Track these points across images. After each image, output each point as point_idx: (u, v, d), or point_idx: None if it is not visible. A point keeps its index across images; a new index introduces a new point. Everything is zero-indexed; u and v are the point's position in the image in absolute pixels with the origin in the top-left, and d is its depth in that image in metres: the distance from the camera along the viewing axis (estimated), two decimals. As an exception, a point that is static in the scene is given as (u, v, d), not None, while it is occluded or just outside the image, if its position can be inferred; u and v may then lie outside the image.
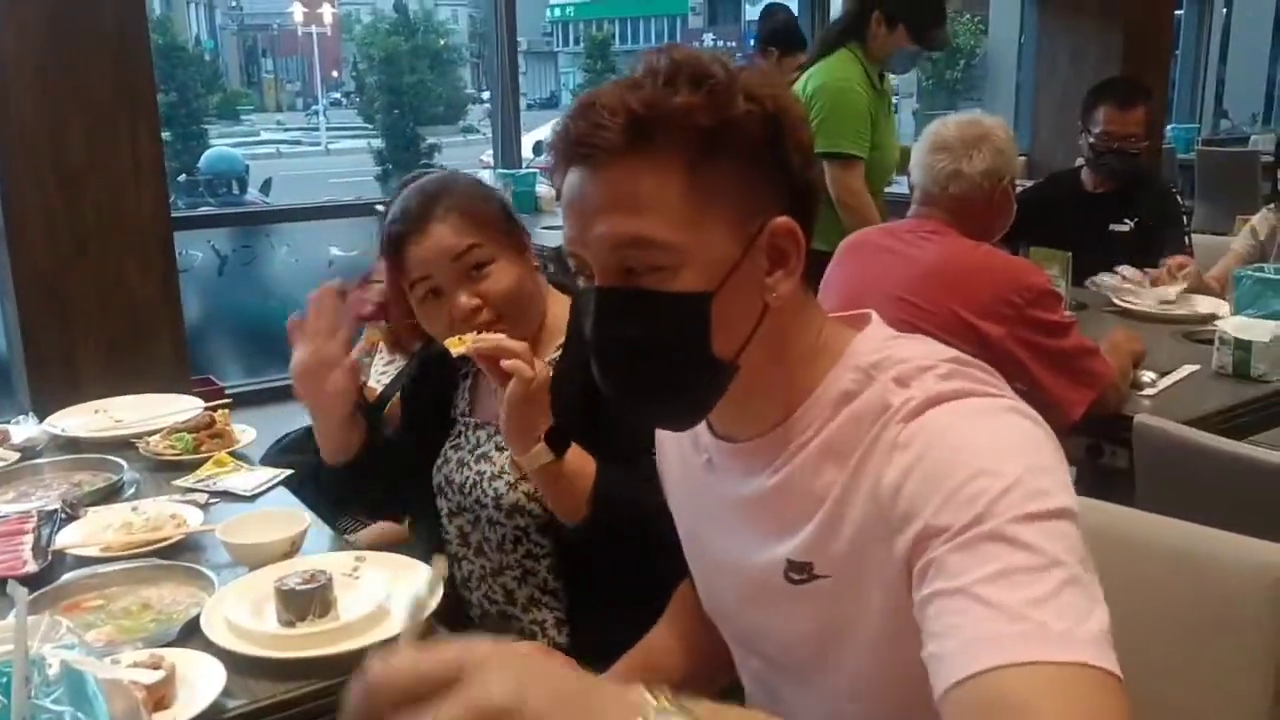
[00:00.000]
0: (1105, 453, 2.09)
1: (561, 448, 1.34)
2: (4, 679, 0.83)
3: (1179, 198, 3.40)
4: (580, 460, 1.37)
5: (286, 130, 23.39)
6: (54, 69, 3.31)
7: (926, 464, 0.82)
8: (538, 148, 5.18)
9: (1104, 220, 2.96)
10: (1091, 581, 0.76)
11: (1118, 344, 2.21)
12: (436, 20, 21.15)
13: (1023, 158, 5.75)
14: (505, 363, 1.31)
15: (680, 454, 1.11)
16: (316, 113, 24.27)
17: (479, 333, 1.39)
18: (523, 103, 5.50)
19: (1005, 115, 6.10)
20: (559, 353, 1.51)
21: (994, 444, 0.82)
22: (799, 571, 0.93)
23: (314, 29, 25.98)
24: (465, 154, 14.61)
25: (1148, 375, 2.23)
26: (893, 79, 3.57)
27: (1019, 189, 2.28)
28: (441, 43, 20.07)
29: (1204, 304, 2.82)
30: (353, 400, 1.56)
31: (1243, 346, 2.25)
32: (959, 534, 0.77)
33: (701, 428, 1.03)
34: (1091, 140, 3.20)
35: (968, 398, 0.86)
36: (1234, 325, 2.32)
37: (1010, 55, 6.17)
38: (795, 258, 0.93)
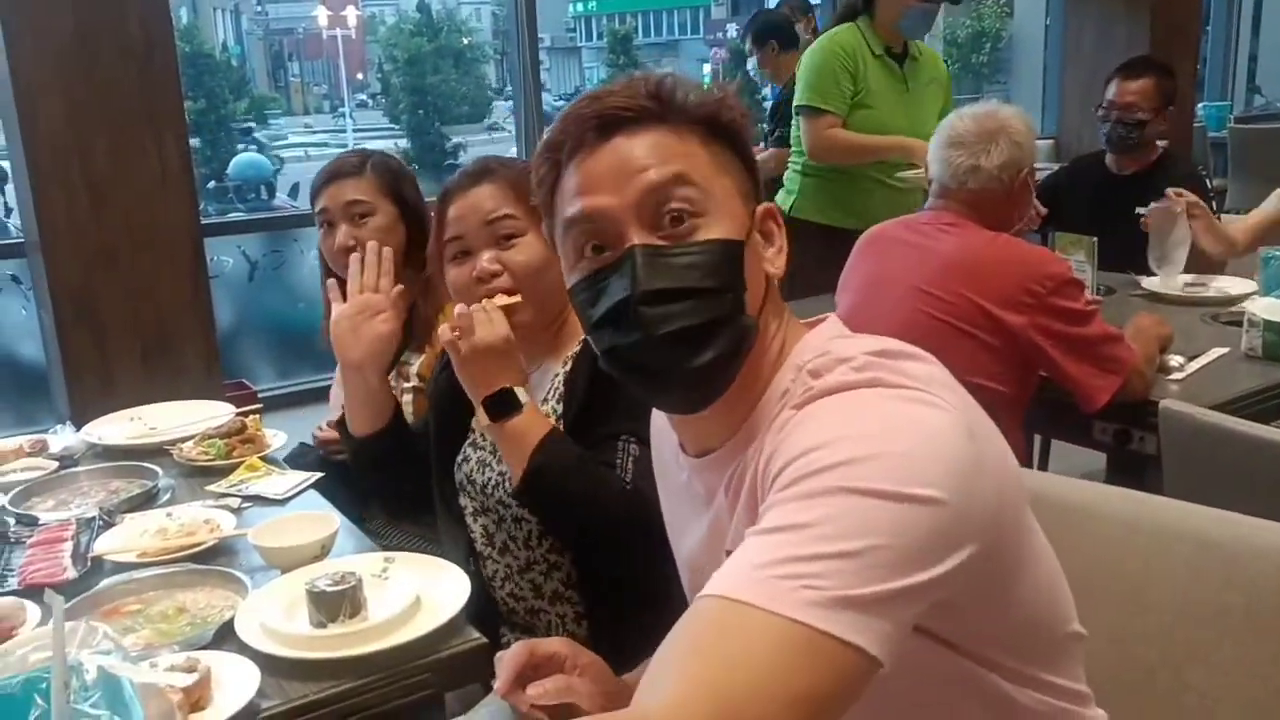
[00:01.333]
0: (1133, 439, 2.08)
1: (499, 413, 1.42)
2: (44, 685, 0.85)
3: (1207, 180, 3.37)
4: (528, 427, 1.42)
5: (314, 133, 23.56)
6: (80, 82, 3.37)
7: (787, 443, 0.85)
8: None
9: (1129, 203, 2.94)
10: (874, 561, 0.75)
11: (1143, 328, 2.20)
12: (459, 19, 21.22)
13: (1049, 141, 5.71)
14: (438, 331, 1.44)
15: (667, 473, 1.14)
16: (343, 115, 24.42)
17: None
18: (547, 99, 5.52)
19: (1032, 98, 6.05)
20: (579, 347, 1.53)
21: (851, 423, 0.83)
22: None
23: (339, 32, 26.15)
24: (490, 152, 14.63)
25: (1175, 359, 2.21)
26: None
27: (1044, 173, 2.27)
28: (464, 41, 20.14)
29: (1232, 285, 2.79)
30: (394, 351, 1.61)
31: (1272, 328, 2.23)
32: (776, 495, 0.81)
33: (677, 447, 1.06)
34: (1100, 114, 3.22)
35: (870, 387, 0.86)
36: (1263, 307, 2.29)
37: (1036, 38, 6.09)
38: (780, 239, 1.02)
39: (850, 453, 0.79)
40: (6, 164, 4.50)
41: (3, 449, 1.99)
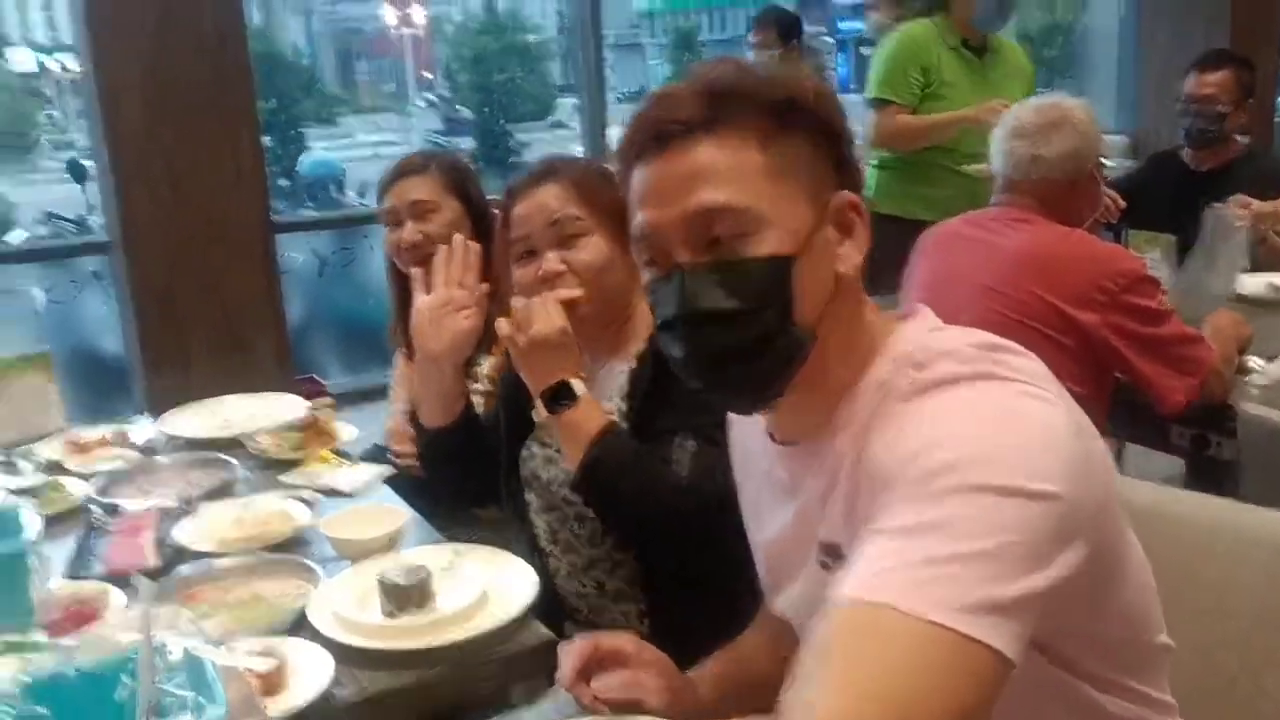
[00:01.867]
0: (1211, 444, 2.03)
1: (556, 406, 1.44)
2: (131, 665, 0.88)
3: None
4: (585, 420, 1.44)
5: (381, 131, 23.87)
6: (160, 81, 3.45)
7: (899, 437, 0.84)
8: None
9: (1207, 200, 2.86)
10: (1008, 560, 0.75)
11: (1221, 328, 2.14)
12: (524, 16, 21.35)
13: (1120, 137, 5.56)
14: (496, 325, 1.48)
15: (749, 460, 1.14)
16: (409, 113, 24.73)
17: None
18: (611, 96, 5.54)
19: (1106, 93, 5.90)
20: (645, 345, 1.54)
21: (967, 418, 0.83)
22: (829, 555, 0.96)
23: (406, 31, 26.48)
24: (554, 149, 14.71)
25: (1255, 361, 2.15)
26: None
27: (1120, 171, 2.22)
28: (530, 39, 20.26)
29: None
30: (472, 347, 1.63)
31: (1357, 330, 2.16)
32: (899, 492, 0.80)
33: (765, 434, 1.05)
34: (1179, 108, 3.16)
35: (981, 380, 0.85)
36: (1348, 308, 2.22)
37: (1111, 31, 5.93)
38: (861, 229, 0.98)
39: (971, 449, 0.79)
40: (89, 163, 4.63)
41: (87, 439, 2.05)
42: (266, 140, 4.69)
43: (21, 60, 16.52)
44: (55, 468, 1.96)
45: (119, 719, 0.83)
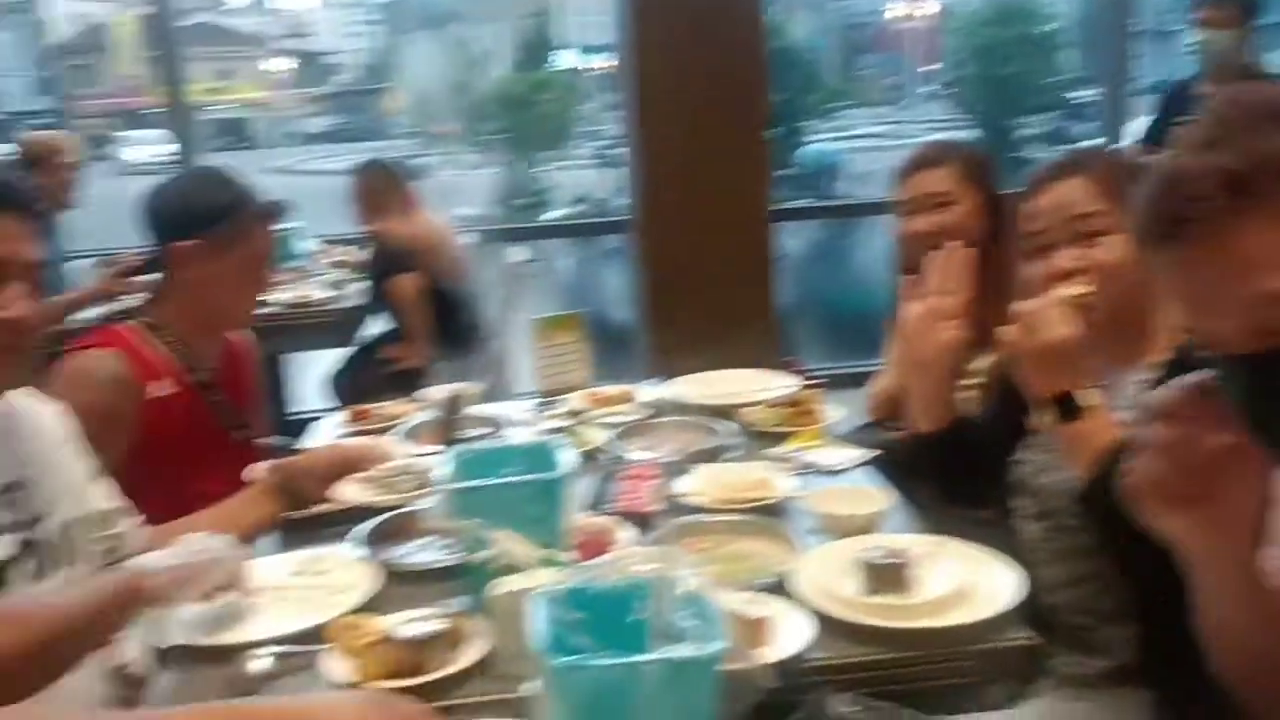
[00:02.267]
0: None
1: (1058, 416, 1.38)
2: (644, 591, 0.99)
3: None
4: (1091, 433, 1.36)
5: (881, 124, 23.97)
6: (685, 76, 3.76)
7: None
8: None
9: None
10: None
11: None
12: (1038, 5, 20.29)
13: None
14: (1000, 330, 1.44)
15: None
16: (909, 106, 24.59)
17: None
18: (1137, 86, 5.14)
19: None
20: (1169, 355, 1.42)
21: None
22: None
23: (910, 25, 26.30)
24: (1064, 145, 13.86)
25: None
26: None
27: None
28: (1044, 29, 19.22)
29: None
30: (959, 357, 1.62)
31: None
32: None
33: None
34: None
35: None
36: None
37: None
38: None
39: None
40: (616, 151, 5.13)
41: (605, 394, 2.31)
42: (774, 132, 4.91)
43: (566, 61, 18.75)
44: (577, 416, 2.22)
45: (636, 634, 0.94)
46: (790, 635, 1.26)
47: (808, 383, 2.23)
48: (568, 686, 0.87)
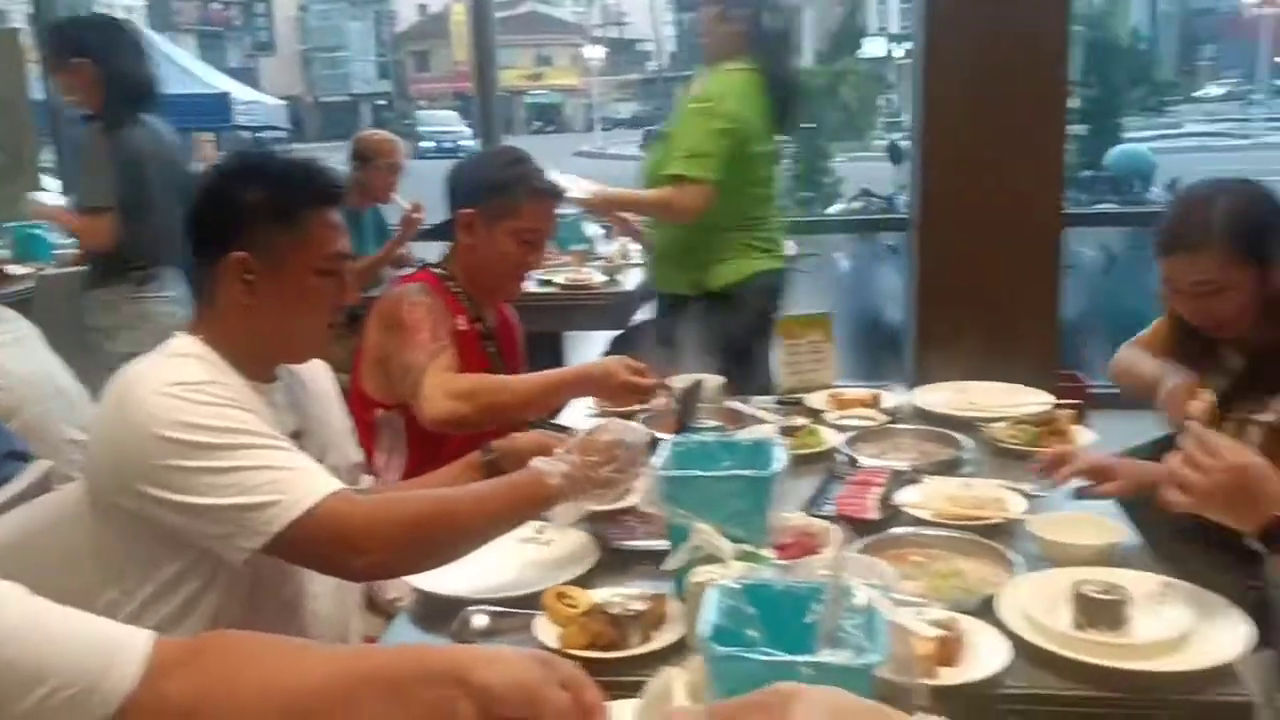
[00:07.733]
0: None
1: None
2: (821, 595, 1.02)
3: None
4: None
5: (1215, 122, 21.87)
6: (980, 69, 3.62)
7: None
8: None
9: None
10: None
11: None
12: None
13: None
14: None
15: None
16: (1251, 103, 22.23)
17: None
18: None
19: None
20: None
21: None
22: None
23: (1267, 10, 23.65)
24: None
25: None
26: None
27: None
28: None
29: None
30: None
31: None
32: None
33: None
34: None
35: None
36: None
37: None
38: None
39: None
40: (906, 144, 5.01)
41: (848, 397, 2.32)
42: (1079, 129, 4.64)
43: (873, 49, 18.38)
44: (816, 416, 2.24)
45: (804, 636, 0.97)
46: (984, 659, 1.24)
47: (1060, 402, 2.13)
48: (723, 675, 0.92)
